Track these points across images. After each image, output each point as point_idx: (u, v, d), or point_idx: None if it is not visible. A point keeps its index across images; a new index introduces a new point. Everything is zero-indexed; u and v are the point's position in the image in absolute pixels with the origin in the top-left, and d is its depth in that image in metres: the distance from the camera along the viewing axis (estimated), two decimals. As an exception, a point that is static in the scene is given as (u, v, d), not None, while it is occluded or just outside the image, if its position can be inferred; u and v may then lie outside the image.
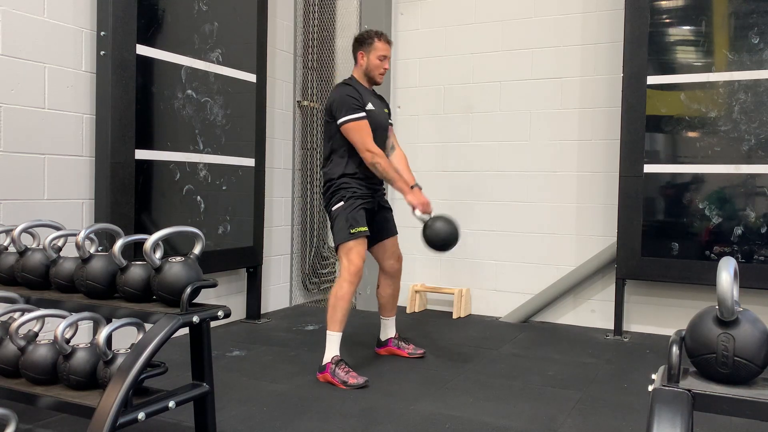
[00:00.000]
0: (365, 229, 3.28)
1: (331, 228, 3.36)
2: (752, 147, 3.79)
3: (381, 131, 3.43)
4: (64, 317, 2.15)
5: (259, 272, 4.50)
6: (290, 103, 5.02)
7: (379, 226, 3.50)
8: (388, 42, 3.43)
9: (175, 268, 2.17)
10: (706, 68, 3.89)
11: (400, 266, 3.62)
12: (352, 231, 3.23)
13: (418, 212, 3.32)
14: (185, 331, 2.21)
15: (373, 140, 3.28)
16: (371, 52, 3.38)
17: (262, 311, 4.64)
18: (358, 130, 3.25)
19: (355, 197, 3.30)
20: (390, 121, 3.57)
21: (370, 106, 3.34)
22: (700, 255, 3.90)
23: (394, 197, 4.19)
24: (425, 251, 5.03)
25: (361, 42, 3.41)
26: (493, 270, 4.82)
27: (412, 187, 3.34)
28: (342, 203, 3.29)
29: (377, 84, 3.49)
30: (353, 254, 3.23)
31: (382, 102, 3.56)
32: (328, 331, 3.22)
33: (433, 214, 3.35)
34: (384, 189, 3.56)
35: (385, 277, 3.60)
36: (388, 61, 3.44)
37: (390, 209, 3.60)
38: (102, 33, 3.37)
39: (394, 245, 3.59)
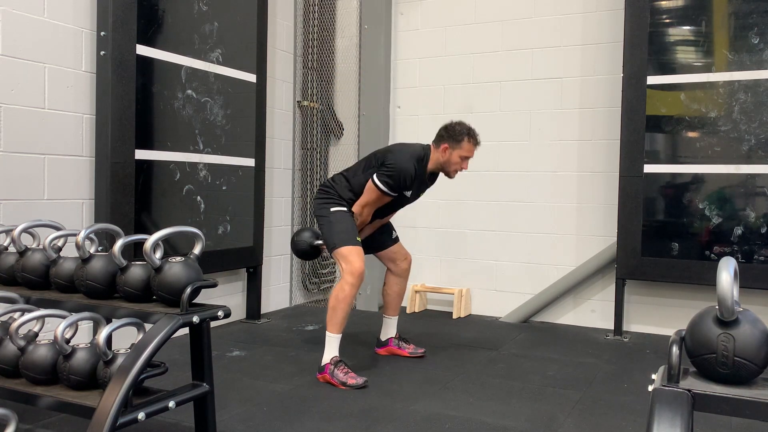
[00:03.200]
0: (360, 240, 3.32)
1: (329, 228, 3.30)
2: (752, 147, 3.79)
3: (395, 208, 3.51)
4: (64, 317, 2.15)
5: (259, 272, 4.50)
6: (290, 103, 5.02)
7: (384, 234, 3.58)
8: (477, 144, 3.32)
9: (175, 268, 2.17)
10: (706, 68, 3.89)
11: (409, 266, 3.67)
12: (359, 238, 3.27)
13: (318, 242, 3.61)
14: (185, 331, 2.21)
15: (373, 208, 3.33)
16: (457, 149, 3.26)
17: (262, 311, 4.64)
18: (372, 194, 3.26)
19: (351, 212, 3.34)
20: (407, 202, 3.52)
21: (407, 193, 3.33)
22: (700, 255, 3.90)
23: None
24: (425, 251, 5.06)
25: (452, 136, 3.26)
26: (493, 270, 4.82)
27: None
28: (345, 209, 3.31)
29: (447, 177, 3.43)
30: (353, 256, 3.20)
31: (426, 184, 3.48)
32: (327, 333, 3.21)
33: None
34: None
35: (393, 276, 3.63)
36: (468, 162, 3.34)
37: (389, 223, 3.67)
38: (102, 33, 3.37)
39: (401, 247, 3.64)
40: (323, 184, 3.46)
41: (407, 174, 3.20)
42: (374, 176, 3.22)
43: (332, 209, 3.30)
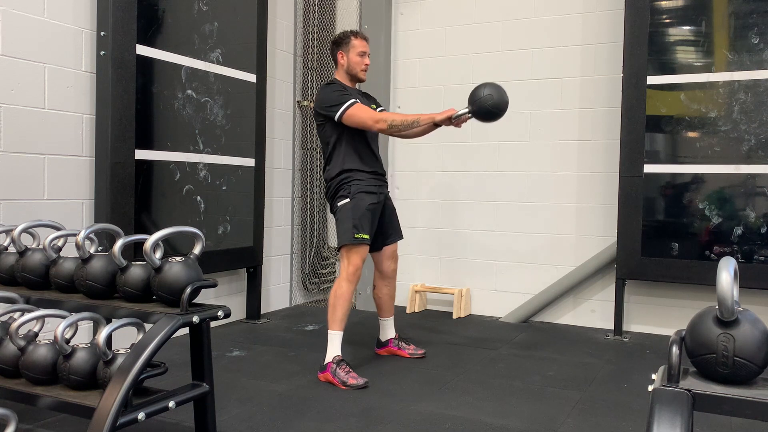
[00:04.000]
0: (368, 237, 3.28)
1: (336, 225, 3.34)
2: (752, 147, 3.79)
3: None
4: (64, 317, 2.15)
5: (259, 272, 4.50)
6: (290, 103, 5.02)
7: (384, 232, 3.51)
8: (365, 38, 3.45)
9: (175, 268, 2.17)
10: (706, 68, 3.89)
11: (396, 266, 3.63)
12: (356, 236, 3.23)
13: (460, 111, 3.19)
14: (185, 331, 2.21)
15: (373, 113, 3.28)
16: (350, 50, 3.40)
17: (262, 311, 4.64)
18: (358, 111, 3.25)
19: (361, 192, 3.29)
20: (380, 108, 3.55)
21: (358, 101, 3.33)
22: (700, 255, 3.90)
23: (393, 197, 4.17)
24: (425, 251, 5.06)
25: (338, 43, 3.44)
26: (493, 270, 4.82)
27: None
28: (348, 200, 3.28)
29: (361, 81, 3.49)
30: (353, 254, 3.25)
31: (369, 99, 3.56)
32: (329, 331, 3.23)
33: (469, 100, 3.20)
34: (387, 184, 3.55)
35: (381, 278, 3.60)
36: (368, 56, 3.45)
37: (395, 210, 3.60)
38: (102, 33, 3.37)
39: (394, 248, 3.60)
40: (325, 179, 3.46)
41: (333, 89, 3.31)
42: (336, 117, 3.25)
43: (338, 204, 3.31)
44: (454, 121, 3.23)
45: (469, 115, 3.19)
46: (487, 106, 3.13)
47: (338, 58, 3.43)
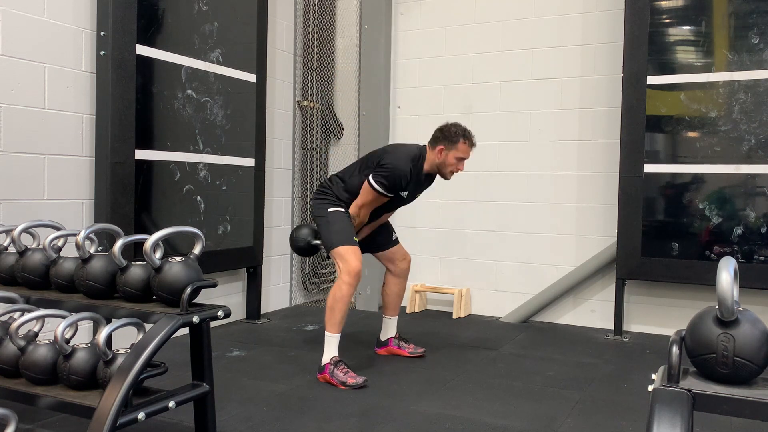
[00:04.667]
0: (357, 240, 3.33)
1: (327, 228, 3.31)
2: (752, 147, 3.79)
3: (392, 209, 3.53)
4: (64, 317, 2.15)
5: (259, 272, 4.50)
6: (290, 103, 5.02)
7: (382, 234, 3.57)
8: (473, 145, 3.33)
9: (175, 268, 2.17)
10: (706, 68, 3.89)
11: (408, 266, 3.67)
12: (355, 238, 3.26)
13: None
14: (185, 331, 2.21)
15: (370, 209, 3.34)
16: (452, 150, 3.26)
17: (262, 311, 4.64)
18: (369, 195, 3.26)
19: (348, 212, 3.35)
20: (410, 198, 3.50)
21: (402, 194, 3.33)
22: (700, 255, 3.90)
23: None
24: (425, 251, 5.06)
25: (447, 137, 3.27)
26: (493, 270, 4.82)
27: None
28: (342, 210, 3.32)
29: (443, 179, 3.43)
30: (350, 255, 3.21)
31: (423, 185, 3.48)
32: (326, 333, 3.21)
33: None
34: None
35: (392, 276, 3.64)
36: (464, 163, 3.34)
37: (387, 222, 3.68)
38: (102, 33, 3.37)
39: (400, 248, 3.65)
40: (320, 184, 3.48)
41: (403, 175, 3.21)
42: (370, 177, 3.23)
43: (329, 209, 3.31)
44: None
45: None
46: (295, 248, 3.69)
47: (437, 148, 3.28)
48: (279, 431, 2.54)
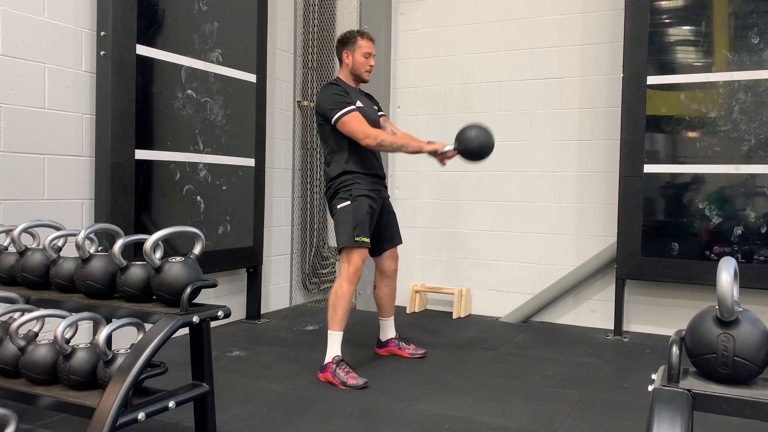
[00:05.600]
0: (368, 240, 3.28)
1: (335, 227, 3.34)
2: (752, 147, 3.79)
3: (373, 126, 3.43)
4: (64, 317, 2.15)
5: (259, 272, 4.50)
6: (290, 103, 5.02)
7: (384, 236, 3.51)
8: (371, 39, 3.45)
9: (175, 268, 2.17)
10: (706, 68, 3.89)
11: (397, 266, 3.63)
12: (356, 239, 3.23)
13: (446, 148, 3.28)
14: (185, 331, 2.21)
15: (369, 126, 3.28)
16: (356, 50, 3.39)
17: (262, 311, 4.64)
18: (353, 120, 3.25)
19: (361, 196, 3.29)
20: (381, 113, 3.56)
21: (359, 104, 3.34)
22: (700, 255, 3.90)
23: (392, 198, 4.18)
24: (425, 251, 5.06)
25: (345, 42, 3.43)
26: (493, 270, 4.82)
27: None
28: (348, 203, 3.28)
29: (365, 82, 3.49)
30: (354, 256, 3.25)
31: (371, 99, 3.57)
32: (329, 331, 3.23)
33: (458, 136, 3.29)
34: (387, 188, 3.55)
35: (382, 278, 3.60)
36: (373, 57, 3.45)
37: (394, 214, 3.60)
38: (102, 33, 3.37)
39: (394, 249, 3.60)
40: (325, 178, 3.46)
41: (334, 91, 3.31)
42: (332, 121, 3.26)
43: (338, 206, 3.31)
44: (438, 156, 3.32)
45: (455, 152, 3.27)
46: (473, 146, 3.24)
47: (343, 57, 3.43)
48: (279, 431, 2.54)
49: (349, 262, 3.24)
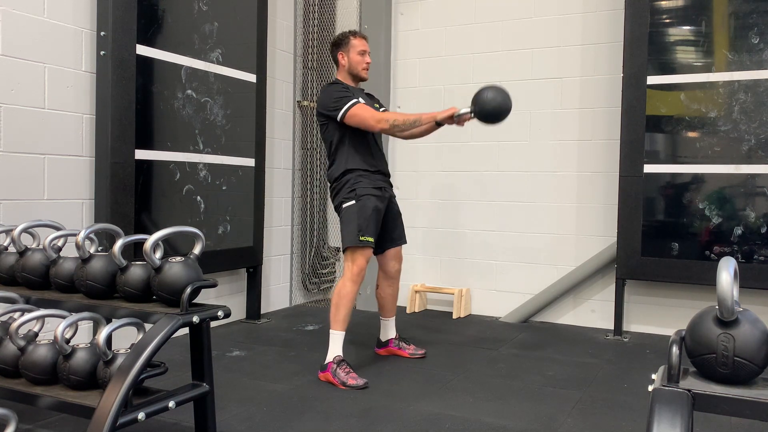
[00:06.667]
0: (372, 240, 3.27)
1: (341, 227, 3.33)
2: (752, 147, 3.79)
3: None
4: (64, 317, 2.15)
5: (259, 272, 4.50)
6: (290, 103, 5.02)
7: (389, 236, 3.50)
8: (364, 37, 3.47)
9: (175, 268, 2.17)
10: (706, 68, 3.89)
11: (401, 266, 3.62)
12: (361, 239, 3.23)
13: (461, 110, 3.16)
14: (185, 331, 2.21)
15: (375, 113, 3.26)
16: (350, 50, 3.41)
17: (262, 311, 4.64)
18: (360, 110, 3.24)
19: (366, 195, 3.28)
20: (383, 108, 3.54)
21: (361, 100, 3.33)
22: (700, 255, 3.90)
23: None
24: (425, 251, 5.06)
25: (338, 44, 3.45)
26: (493, 270, 4.82)
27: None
28: (353, 202, 3.27)
29: (363, 80, 3.49)
30: (358, 256, 3.24)
31: (372, 99, 3.56)
32: (331, 330, 3.23)
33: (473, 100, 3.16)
34: (392, 186, 3.55)
35: (385, 278, 3.60)
36: (368, 55, 3.45)
37: (400, 213, 3.58)
38: (102, 33, 3.37)
39: (398, 249, 3.60)
40: (328, 179, 3.45)
41: (336, 89, 3.31)
42: (339, 117, 3.25)
43: (344, 206, 3.30)
44: (456, 119, 3.21)
45: (471, 114, 3.15)
46: (490, 108, 3.10)
47: (339, 59, 3.44)
48: (279, 431, 2.54)
49: (353, 262, 3.23)
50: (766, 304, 3.85)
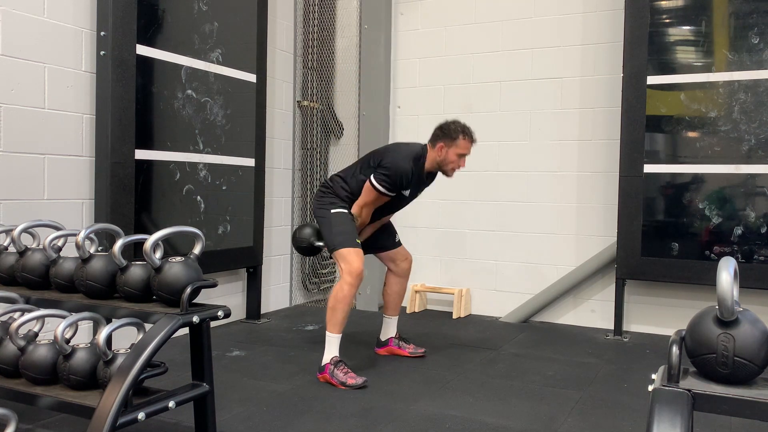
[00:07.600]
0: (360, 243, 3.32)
1: (330, 229, 3.29)
2: (752, 147, 3.79)
3: (394, 208, 3.50)
4: (64, 317, 2.15)
5: (259, 272, 4.50)
6: (290, 103, 5.02)
7: (384, 235, 3.56)
8: (473, 141, 3.33)
9: (175, 268, 2.17)
10: (706, 68, 3.89)
11: (410, 266, 3.67)
12: (357, 240, 3.26)
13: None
14: (185, 331, 2.21)
15: (372, 208, 3.33)
16: (453, 147, 3.26)
17: (262, 311, 4.64)
18: (370, 195, 3.26)
19: (352, 215, 3.33)
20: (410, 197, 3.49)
21: (405, 192, 3.33)
22: (700, 255, 3.90)
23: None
24: (425, 251, 5.06)
25: (446, 134, 3.28)
26: (493, 270, 4.82)
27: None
28: (345, 211, 3.30)
29: (446, 176, 3.42)
30: (352, 257, 3.20)
31: (425, 183, 3.48)
32: (327, 333, 3.21)
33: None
34: None
35: (394, 276, 3.64)
36: (465, 159, 3.34)
37: (391, 223, 3.68)
38: (102, 33, 3.37)
39: (402, 249, 3.65)
40: (322, 184, 3.47)
41: (404, 174, 3.21)
42: (372, 177, 3.23)
43: (332, 210, 3.30)
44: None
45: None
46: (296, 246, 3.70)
47: (438, 146, 3.28)
48: (279, 431, 2.54)
49: (348, 264, 3.21)
50: (766, 304, 3.84)
